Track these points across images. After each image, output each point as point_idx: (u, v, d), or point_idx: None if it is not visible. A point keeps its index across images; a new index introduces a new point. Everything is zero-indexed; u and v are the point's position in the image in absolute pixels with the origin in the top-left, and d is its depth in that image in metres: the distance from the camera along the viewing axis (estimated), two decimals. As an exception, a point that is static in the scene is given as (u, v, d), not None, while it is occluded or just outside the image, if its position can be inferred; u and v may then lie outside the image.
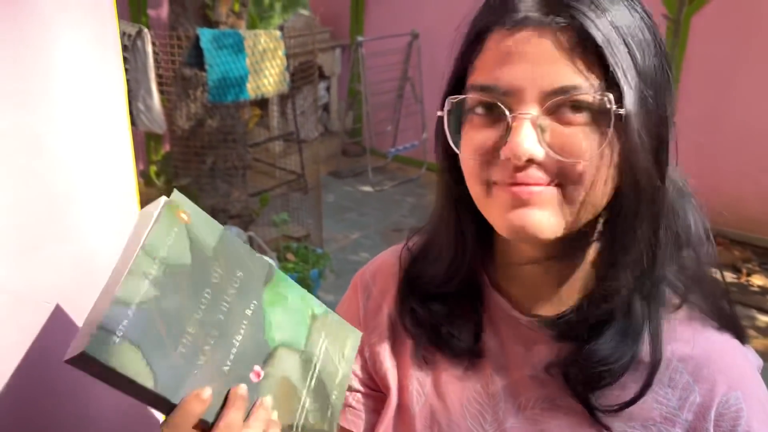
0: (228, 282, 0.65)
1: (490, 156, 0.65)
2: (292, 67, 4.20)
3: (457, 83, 0.69)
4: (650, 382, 0.68)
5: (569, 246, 0.70)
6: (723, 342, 0.71)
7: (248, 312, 0.66)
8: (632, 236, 0.66)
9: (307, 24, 5.45)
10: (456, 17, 0.71)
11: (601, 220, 0.69)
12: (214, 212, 3.99)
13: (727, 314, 0.73)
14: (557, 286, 0.74)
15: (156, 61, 3.59)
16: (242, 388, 0.62)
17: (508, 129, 0.62)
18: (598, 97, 0.61)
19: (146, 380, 0.56)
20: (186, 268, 0.62)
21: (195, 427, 0.59)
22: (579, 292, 0.73)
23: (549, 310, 0.74)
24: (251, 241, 3.91)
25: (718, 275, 0.76)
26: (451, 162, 0.72)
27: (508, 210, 0.65)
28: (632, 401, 0.68)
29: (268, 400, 0.64)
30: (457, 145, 0.68)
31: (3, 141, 0.66)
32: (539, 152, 0.62)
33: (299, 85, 4.58)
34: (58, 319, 0.76)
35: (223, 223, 3.83)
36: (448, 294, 0.78)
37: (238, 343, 0.64)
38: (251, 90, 3.66)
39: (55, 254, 0.74)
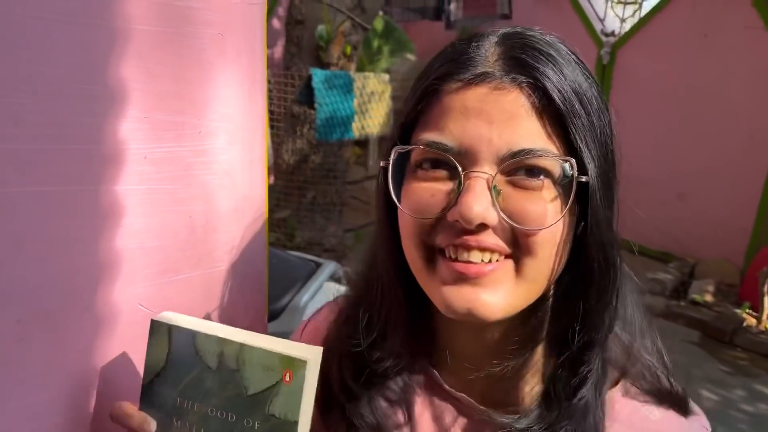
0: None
1: (435, 218, 0.58)
2: (394, 110, 4.30)
3: (405, 134, 0.62)
4: None
5: (527, 329, 0.64)
6: (662, 421, 0.65)
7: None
8: (603, 313, 0.60)
9: (414, 69, 5.56)
10: None
11: (553, 299, 0.62)
12: (309, 245, 4.09)
13: (667, 390, 0.67)
14: (515, 375, 0.66)
15: (269, 98, 3.77)
16: None
17: (460, 188, 0.56)
18: (560, 162, 0.56)
19: None
20: None
21: None
22: (538, 380, 0.65)
23: (489, 392, 0.68)
24: (347, 276, 3.95)
25: (658, 348, 0.70)
26: (393, 223, 0.64)
27: (452, 286, 0.58)
28: None
29: None
30: (399, 199, 0.61)
31: (157, 169, 0.71)
32: (492, 217, 0.56)
33: (401, 128, 4.66)
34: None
35: (318, 255, 3.91)
36: (377, 373, 0.70)
37: None
38: (356, 130, 3.76)
39: (190, 278, 0.77)
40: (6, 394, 0.64)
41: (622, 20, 5.53)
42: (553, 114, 0.56)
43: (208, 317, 0.81)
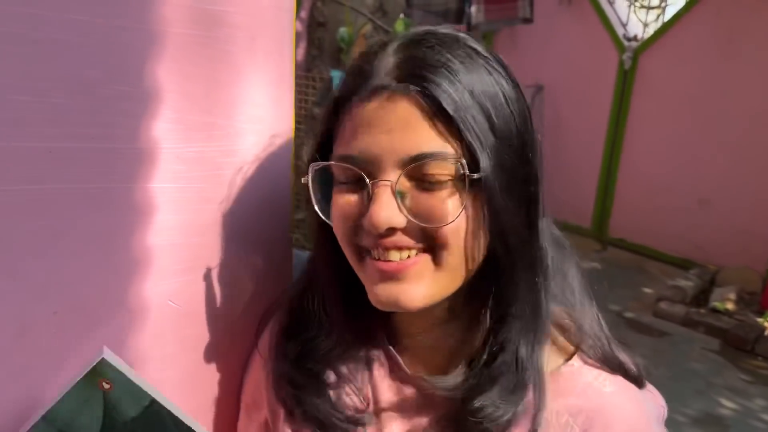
0: None
1: (354, 223, 0.64)
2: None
3: (323, 150, 0.68)
4: (535, 429, 0.67)
5: (451, 308, 0.70)
6: (616, 393, 0.70)
7: None
8: (514, 289, 0.66)
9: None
10: (580, 70, 0.69)
11: (479, 278, 0.68)
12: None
13: (618, 362, 0.71)
14: (446, 347, 0.73)
15: (290, 99, 3.80)
16: None
17: (369, 197, 0.62)
18: (452, 162, 0.60)
19: None
20: None
21: None
22: (468, 350, 0.71)
23: (438, 367, 0.74)
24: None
25: (601, 323, 0.75)
26: (327, 231, 0.69)
27: (378, 283, 0.65)
28: None
29: None
30: (324, 212, 0.67)
31: (188, 168, 0.73)
32: (400, 221, 0.61)
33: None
34: (208, 337, 0.81)
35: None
36: (332, 358, 0.76)
37: None
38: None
39: (216, 275, 0.79)
40: (43, 385, 0.66)
41: (645, 25, 5.48)
42: (446, 116, 0.60)
43: (233, 315, 0.83)
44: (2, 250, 0.61)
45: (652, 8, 5.45)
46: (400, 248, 0.63)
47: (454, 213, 0.61)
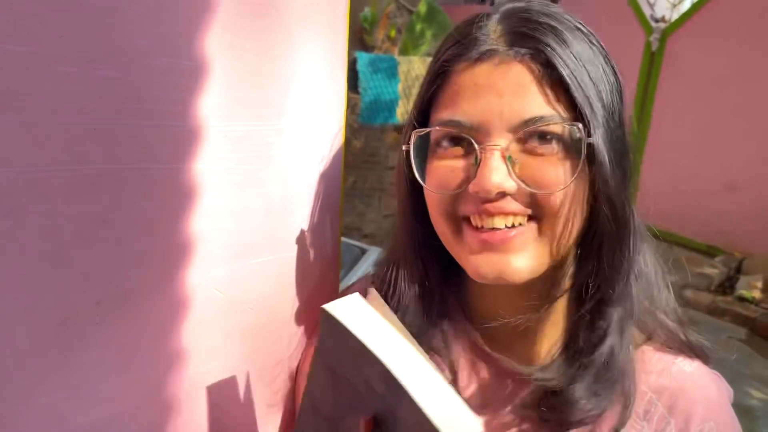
0: None
1: (458, 190, 0.63)
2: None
3: (422, 117, 0.67)
4: (625, 420, 0.67)
5: (547, 286, 0.68)
6: (696, 373, 0.71)
7: None
8: (617, 269, 0.64)
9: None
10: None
11: (573, 257, 0.66)
12: (348, 230, 4.07)
13: (693, 344, 0.72)
14: (533, 332, 0.71)
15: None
16: None
17: (477, 162, 0.60)
18: (567, 126, 0.59)
19: None
20: None
21: None
22: (559, 336, 0.70)
23: (522, 352, 0.72)
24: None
25: (677, 310, 0.75)
26: (415, 201, 0.69)
27: (479, 254, 0.63)
28: None
29: None
30: (423, 178, 0.65)
31: (235, 148, 0.68)
32: (510, 185, 0.60)
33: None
34: (255, 328, 0.77)
35: (357, 240, 3.91)
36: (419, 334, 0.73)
37: None
38: (400, 115, 3.72)
39: (265, 263, 0.75)
40: (84, 377, 0.62)
41: (673, 5, 5.35)
42: (557, 82, 0.59)
43: (280, 305, 0.79)
44: (44, 236, 0.56)
45: (682, -12, 5.32)
46: (506, 214, 0.61)
47: (567, 179, 0.60)
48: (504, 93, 0.59)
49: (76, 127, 0.56)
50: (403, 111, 3.73)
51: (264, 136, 0.70)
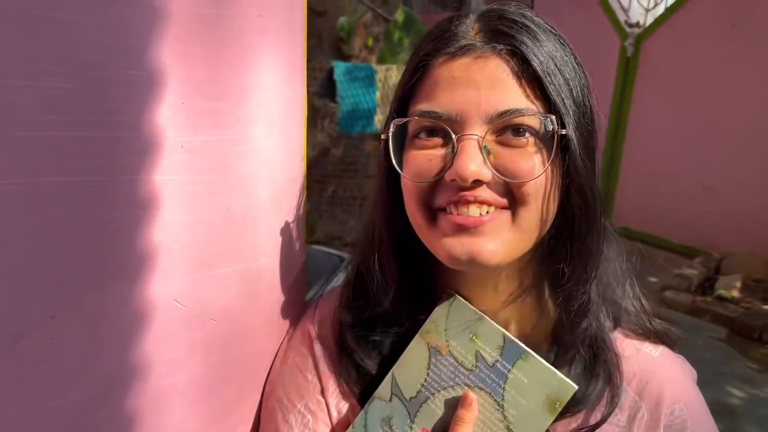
0: None
1: (434, 180, 0.64)
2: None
3: (401, 108, 0.69)
4: (611, 410, 0.69)
5: (521, 275, 0.70)
6: (662, 357, 0.74)
7: None
8: (588, 254, 0.67)
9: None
10: (581, 57, 0.71)
11: (546, 246, 0.69)
12: (330, 239, 4.06)
13: (658, 329, 0.76)
14: (516, 317, 0.74)
15: (290, 90, 3.74)
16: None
17: (453, 151, 0.62)
18: (541, 118, 0.62)
19: None
20: None
21: None
22: (540, 325, 0.73)
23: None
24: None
25: (642, 301, 0.78)
26: (392, 190, 0.70)
27: (452, 236, 0.64)
28: (595, 427, 0.69)
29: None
30: (401, 167, 0.67)
31: (193, 158, 0.68)
32: (486, 173, 0.62)
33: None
34: (219, 339, 0.76)
35: (338, 249, 3.90)
36: (394, 330, 0.76)
37: None
38: (378, 123, 3.72)
39: (226, 274, 0.74)
40: (41, 393, 0.61)
41: (647, 11, 5.42)
42: (531, 77, 0.62)
43: (245, 316, 0.78)
44: (-6, 250, 0.55)
45: (655, -7, 5.39)
46: (481, 203, 0.63)
47: (539, 168, 0.62)
48: (481, 86, 0.62)
49: (27, 140, 0.55)
50: (381, 119, 3.73)
51: (222, 147, 0.70)
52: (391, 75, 3.79)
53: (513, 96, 0.62)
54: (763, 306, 4.33)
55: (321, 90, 3.76)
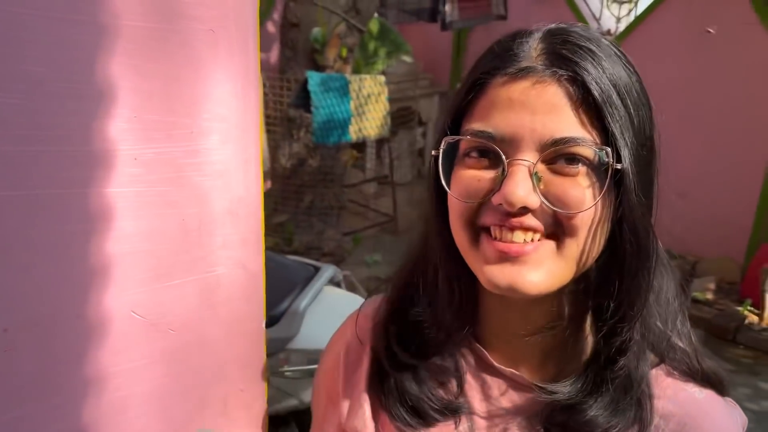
0: None
1: (481, 201, 0.63)
2: (390, 112, 4.27)
3: (454, 125, 0.67)
4: None
5: (564, 305, 0.68)
6: (707, 401, 0.69)
7: None
8: (636, 292, 0.64)
9: (410, 71, 5.53)
10: None
11: (593, 277, 0.66)
12: (308, 249, 4.05)
13: (705, 371, 0.71)
14: (552, 346, 0.71)
15: (265, 101, 3.74)
16: None
17: (503, 174, 0.61)
18: (597, 150, 0.60)
19: None
20: None
21: None
22: (576, 351, 0.69)
23: (536, 368, 0.72)
24: (346, 280, 3.93)
25: (691, 337, 0.73)
26: (442, 206, 0.69)
27: (495, 264, 0.62)
28: None
29: None
30: (448, 185, 0.66)
31: (147, 170, 0.68)
32: (534, 201, 0.60)
33: (396, 130, 4.64)
34: (178, 350, 0.77)
35: (317, 259, 3.90)
36: (429, 349, 0.73)
37: None
38: (353, 133, 3.73)
39: (183, 284, 0.75)
40: (-7, 407, 0.61)
41: (618, 19, 5.51)
42: (591, 105, 0.60)
43: (204, 324, 0.79)
44: (-57, 265, 0.56)
45: (624, 2, 5.48)
46: (526, 230, 0.61)
47: (590, 201, 0.60)
48: (537, 111, 0.60)
49: (-25, 155, 0.56)
50: (356, 129, 3.75)
51: (176, 158, 0.71)
52: (364, 84, 3.81)
53: (569, 124, 0.60)
54: (736, 307, 4.39)
55: (296, 101, 3.77)
